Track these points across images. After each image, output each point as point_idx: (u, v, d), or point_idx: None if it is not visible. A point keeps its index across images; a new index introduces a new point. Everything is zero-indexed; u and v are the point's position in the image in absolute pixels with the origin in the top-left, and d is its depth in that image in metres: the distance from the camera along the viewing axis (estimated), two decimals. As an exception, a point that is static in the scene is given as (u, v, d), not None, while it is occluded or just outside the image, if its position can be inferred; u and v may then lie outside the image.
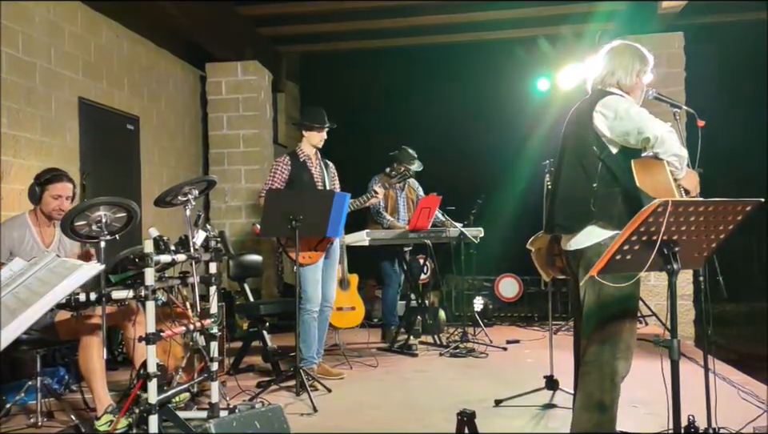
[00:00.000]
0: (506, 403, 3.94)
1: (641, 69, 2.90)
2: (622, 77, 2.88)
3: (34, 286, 2.22)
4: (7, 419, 3.76)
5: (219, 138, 7.97)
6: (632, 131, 2.71)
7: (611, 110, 2.77)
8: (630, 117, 2.73)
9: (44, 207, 3.83)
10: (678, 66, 6.98)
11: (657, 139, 2.64)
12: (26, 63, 5.06)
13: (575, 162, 2.87)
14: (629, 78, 2.88)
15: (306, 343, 4.67)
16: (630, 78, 2.88)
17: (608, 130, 2.77)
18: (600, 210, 2.75)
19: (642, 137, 2.67)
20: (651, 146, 2.66)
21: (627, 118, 2.73)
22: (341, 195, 4.63)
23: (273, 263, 8.10)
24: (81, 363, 3.62)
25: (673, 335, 2.31)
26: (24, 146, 5.02)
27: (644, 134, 2.66)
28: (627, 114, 2.74)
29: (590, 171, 2.79)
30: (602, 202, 2.76)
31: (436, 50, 8.85)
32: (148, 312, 3.06)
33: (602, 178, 2.77)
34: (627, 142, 2.75)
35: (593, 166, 2.79)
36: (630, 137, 2.72)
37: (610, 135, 2.77)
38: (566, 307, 7.41)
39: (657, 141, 2.64)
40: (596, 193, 2.76)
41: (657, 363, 2.67)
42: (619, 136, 2.76)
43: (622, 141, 2.76)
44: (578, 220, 2.82)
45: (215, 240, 3.54)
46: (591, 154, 2.80)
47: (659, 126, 2.67)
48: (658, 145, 2.64)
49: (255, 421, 2.37)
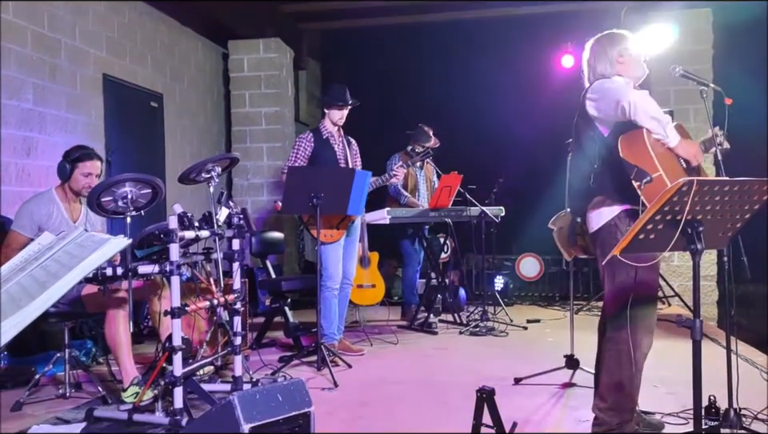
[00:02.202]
0: (525, 382, 3.95)
1: (619, 49, 2.96)
2: (603, 68, 2.97)
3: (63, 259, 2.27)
4: (37, 389, 3.85)
5: (241, 115, 8.00)
6: (610, 104, 2.78)
7: (596, 92, 2.89)
8: (608, 91, 2.83)
9: (73, 184, 3.88)
10: (705, 43, 6.84)
11: (631, 105, 2.68)
12: (51, 40, 5.11)
13: (580, 149, 3.00)
14: (609, 66, 2.96)
15: (327, 319, 4.72)
16: (611, 65, 2.96)
17: (595, 111, 2.87)
18: (598, 185, 2.85)
19: (619, 106, 2.72)
20: (628, 115, 2.70)
21: (606, 93, 2.83)
22: (362, 173, 4.63)
23: (294, 240, 8.16)
24: (107, 335, 3.69)
25: (695, 315, 2.30)
26: (50, 122, 5.08)
27: (620, 102, 2.72)
28: (607, 91, 2.84)
29: (590, 154, 2.90)
30: (600, 179, 2.85)
31: (457, 27, 8.74)
32: (173, 287, 3.11)
33: (600, 158, 2.86)
34: (612, 117, 2.82)
35: (591, 148, 2.90)
36: (611, 110, 2.79)
37: (598, 116, 2.86)
38: (587, 286, 7.38)
39: (632, 106, 2.68)
40: (596, 172, 2.86)
41: (678, 343, 2.67)
42: (604, 113, 2.84)
43: (609, 118, 2.83)
44: (582, 199, 2.94)
45: (238, 217, 3.58)
46: (588, 138, 2.91)
47: (632, 93, 2.73)
48: (632, 111, 2.68)
49: (278, 394, 2.41)
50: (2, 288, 2.20)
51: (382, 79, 8.79)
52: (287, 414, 2.39)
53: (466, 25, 8.69)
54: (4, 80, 4.64)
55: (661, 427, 3.07)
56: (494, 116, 8.27)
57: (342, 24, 8.91)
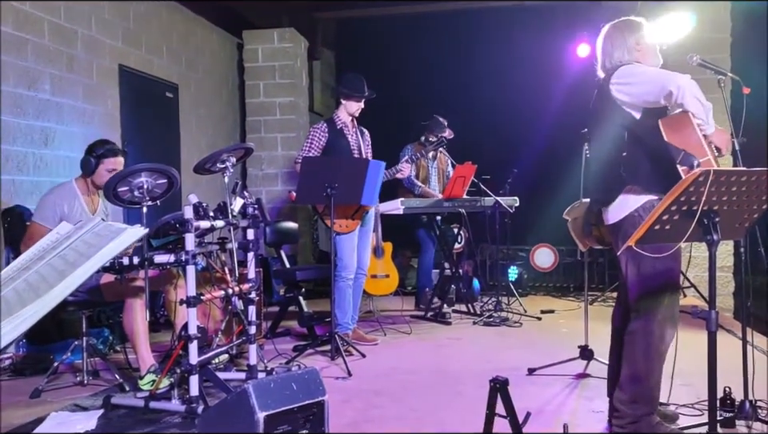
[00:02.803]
0: (539, 372, 3.95)
1: (637, 37, 2.90)
2: (620, 55, 2.90)
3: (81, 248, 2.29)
4: (55, 377, 3.91)
5: (256, 105, 8.03)
6: (653, 89, 2.70)
7: (626, 76, 2.79)
8: (648, 75, 2.76)
9: (96, 179, 3.89)
10: (723, 31, 6.74)
11: (680, 89, 2.61)
12: (68, 30, 5.14)
13: (603, 136, 2.92)
14: (627, 53, 2.90)
15: (341, 309, 4.74)
16: (628, 51, 2.89)
17: (626, 96, 2.78)
18: (629, 174, 2.77)
19: (665, 91, 2.65)
20: (675, 99, 2.63)
21: (646, 78, 2.76)
22: (376, 164, 4.63)
23: (308, 230, 8.19)
24: (125, 324, 3.74)
25: (711, 306, 2.29)
26: (67, 112, 5.13)
27: (666, 87, 2.64)
28: (645, 75, 2.77)
29: (617, 141, 2.83)
30: (631, 167, 2.78)
31: (473, 16, 8.70)
32: (188, 276, 3.14)
33: (629, 146, 2.79)
34: (648, 103, 2.75)
35: (619, 135, 2.82)
36: (651, 95, 2.72)
37: (630, 101, 2.78)
38: (602, 277, 7.35)
39: (680, 90, 2.61)
40: (625, 160, 2.79)
41: (694, 334, 2.66)
42: (640, 97, 2.76)
43: (642, 102, 2.76)
44: (612, 190, 2.84)
45: (252, 207, 3.60)
46: (615, 125, 2.83)
47: (679, 77, 2.66)
48: (680, 95, 2.61)
49: (292, 383, 2.43)
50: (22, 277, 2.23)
51: (395, 69, 8.76)
52: (301, 402, 2.41)
53: (480, 14, 8.64)
54: (22, 71, 4.68)
55: (675, 418, 3.06)
56: (508, 106, 8.23)
57: (355, 13, 8.89)
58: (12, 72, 4.57)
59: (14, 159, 4.60)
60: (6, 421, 3.21)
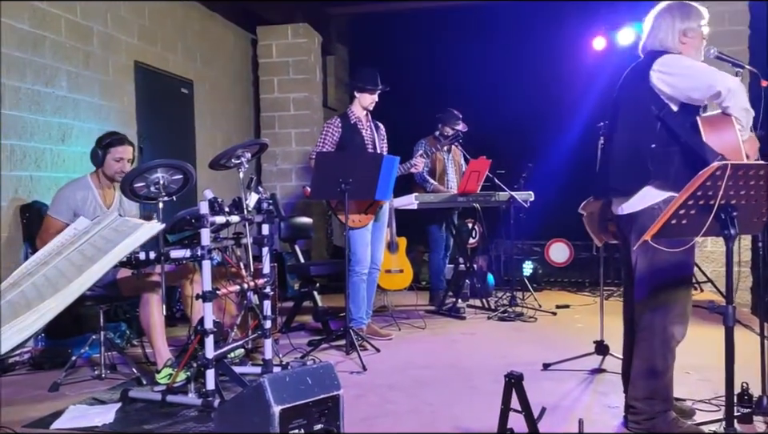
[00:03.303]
0: (554, 367, 3.94)
1: (685, 27, 2.78)
2: (664, 38, 2.80)
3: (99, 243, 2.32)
4: (73, 370, 3.95)
5: (270, 101, 8.05)
6: (700, 86, 2.62)
7: (671, 67, 2.69)
8: (697, 71, 2.66)
9: (106, 170, 3.95)
10: (741, 23, 6.66)
11: (729, 92, 2.53)
12: (84, 27, 5.18)
13: (631, 123, 2.81)
14: (670, 38, 2.78)
15: (356, 304, 4.75)
16: (673, 37, 2.78)
17: (668, 87, 2.68)
18: (657, 169, 2.68)
19: (712, 91, 2.57)
20: (721, 101, 2.56)
21: (693, 72, 2.66)
22: (389, 158, 4.63)
23: (323, 225, 8.21)
24: (141, 318, 3.77)
25: (728, 301, 2.27)
26: (83, 109, 5.17)
27: (715, 87, 2.56)
28: (692, 70, 2.67)
29: (647, 131, 2.72)
30: (660, 161, 2.68)
31: (487, 9, 8.64)
32: (204, 271, 3.16)
33: (659, 138, 2.69)
34: (690, 99, 2.66)
35: (650, 125, 2.71)
36: (696, 92, 2.63)
37: (671, 93, 2.68)
38: (618, 273, 7.28)
39: (729, 93, 2.53)
40: (654, 152, 2.69)
41: (711, 330, 2.64)
42: (683, 92, 2.67)
43: (684, 98, 2.67)
44: (634, 181, 2.75)
45: (267, 202, 3.61)
46: (648, 114, 2.71)
47: (729, 79, 2.58)
48: (728, 98, 2.53)
49: (307, 377, 2.44)
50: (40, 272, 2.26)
51: (408, 63, 8.74)
52: (316, 397, 2.42)
53: (493, 7, 8.59)
54: (39, 68, 4.72)
55: (692, 413, 3.04)
56: (524, 100, 8.19)
57: (368, 8, 8.86)
58: (29, 69, 4.62)
59: (32, 155, 4.65)
60: (25, 414, 3.25)
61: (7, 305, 2.14)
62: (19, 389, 3.74)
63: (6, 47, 4.41)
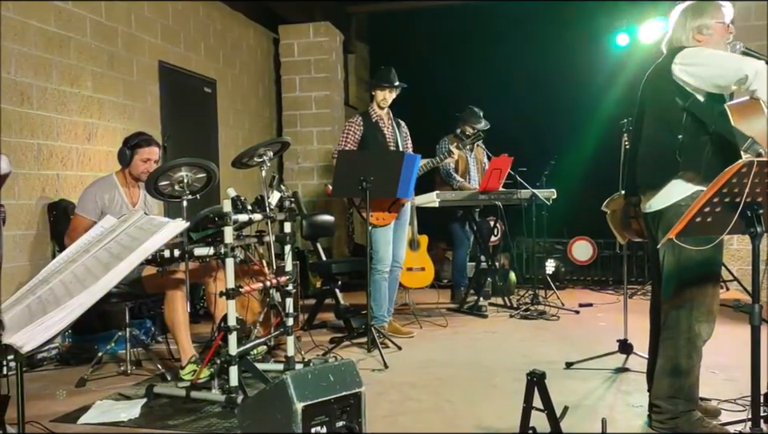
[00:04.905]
0: (577, 366, 3.92)
1: (698, 24, 2.77)
2: (678, 37, 2.81)
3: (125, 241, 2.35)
4: (99, 366, 4.02)
5: (292, 100, 8.09)
6: (726, 72, 2.59)
7: (693, 58, 2.68)
8: (720, 58, 2.65)
9: (133, 170, 4.01)
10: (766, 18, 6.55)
11: (757, 74, 2.48)
12: (109, 28, 5.25)
13: (657, 118, 2.80)
14: (684, 37, 2.79)
15: (377, 301, 4.76)
16: (687, 36, 2.79)
17: (692, 77, 2.67)
18: (687, 160, 2.66)
19: (740, 74, 2.53)
20: (749, 85, 2.51)
21: (716, 60, 2.64)
22: (411, 156, 4.63)
23: (344, 223, 8.24)
24: (166, 315, 3.82)
25: (754, 300, 2.24)
26: (108, 109, 5.24)
27: (743, 69, 2.52)
28: (714, 57, 2.66)
29: (673, 124, 2.70)
30: (689, 153, 2.67)
31: (508, 6, 8.61)
32: (227, 269, 3.19)
33: (687, 129, 2.68)
34: (716, 87, 2.64)
35: (676, 118, 2.70)
36: (722, 79, 2.60)
37: (695, 83, 2.67)
38: (641, 271, 7.23)
39: (757, 75, 2.48)
40: (682, 144, 2.68)
41: (737, 329, 2.60)
42: (708, 80, 2.64)
43: (709, 86, 2.65)
44: (663, 174, 2.73)
45: (289, 200, 3.64)
46: (674, 107, 2.70)
47: (756, 61, 2.55)
48: (757, 80, 2.48)
49: (329, 374, 2.45)
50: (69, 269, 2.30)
51: (429, 61, 8.73)
52: (338, 394, 2.43)
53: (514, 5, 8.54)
54: (65, 68, 4.79)
55: (717, 413, 3.01)
56: (546, 97, 8.14)
57: (388, 6, 8.87)
58: (55, 70, 4.69)
59: (58, 154, 4.73)
60: (53, 409, 3.31)
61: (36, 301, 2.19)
62: (47, 384, 3.81)
63: (35, 48, 4.49)
